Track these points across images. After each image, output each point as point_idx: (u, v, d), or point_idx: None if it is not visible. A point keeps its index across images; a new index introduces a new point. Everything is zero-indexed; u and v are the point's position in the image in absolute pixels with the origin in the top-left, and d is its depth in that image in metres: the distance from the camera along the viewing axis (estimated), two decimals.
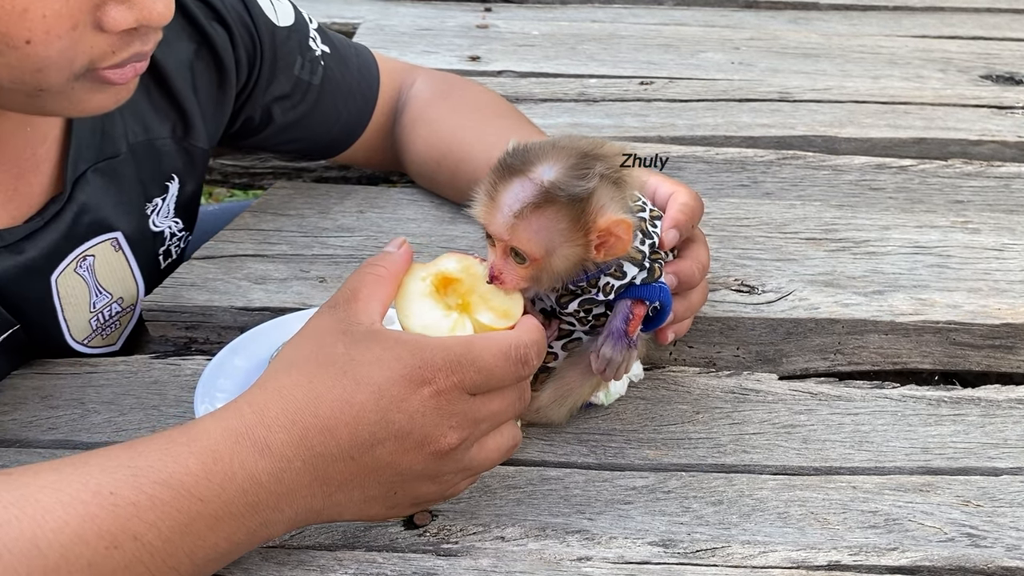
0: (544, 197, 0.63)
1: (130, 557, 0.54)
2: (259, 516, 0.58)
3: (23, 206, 0.80)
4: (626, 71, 1.36)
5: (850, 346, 0.86)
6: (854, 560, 0.65)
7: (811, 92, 1.29)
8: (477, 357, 0.60)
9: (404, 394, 0.58)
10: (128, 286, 0.89)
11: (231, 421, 0.58)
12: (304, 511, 0.60)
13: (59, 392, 0.80)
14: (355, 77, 1.03)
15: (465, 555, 0.65)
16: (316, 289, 0.90)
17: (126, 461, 0.56)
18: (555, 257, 0.65)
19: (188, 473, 0.56)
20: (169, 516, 0.55)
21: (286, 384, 0.59)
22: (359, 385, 0.58)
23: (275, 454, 0.57)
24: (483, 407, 0.61)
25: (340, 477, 0.59)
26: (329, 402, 0.58)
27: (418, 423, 0.59)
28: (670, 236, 0.71)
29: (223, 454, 0.57)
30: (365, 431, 0.58)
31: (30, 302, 0.81)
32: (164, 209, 0.92)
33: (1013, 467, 0.73)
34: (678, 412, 0.78)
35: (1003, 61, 1.40)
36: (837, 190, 1.06)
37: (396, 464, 0.60)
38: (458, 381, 0.59)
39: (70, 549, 0.52)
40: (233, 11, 0.92)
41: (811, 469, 0.73)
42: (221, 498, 0.56)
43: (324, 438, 0.58)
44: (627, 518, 0.68)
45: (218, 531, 0.57)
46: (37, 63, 0.64)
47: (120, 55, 0.67)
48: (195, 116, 0.92)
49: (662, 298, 0.70)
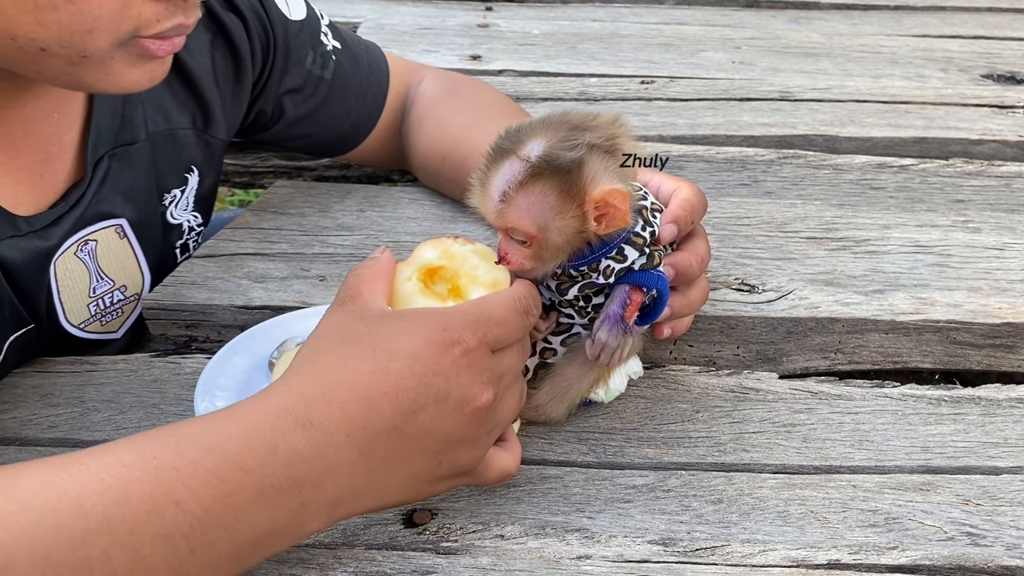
0: (529, 173, 0.64)
1: (170, 524, 0.52)
2: (300, 493, 0.56)
3: (48, 191, 0.81)
4: (627, 70, 1.36)
5: (850, 345, 0.86)
6: (854, 559, 0.65)
7: (812, 91, 1.29)
8: (493, 313, 0.62)
9: (436, 357, 0.59)
10: (132, 274, 0.89)
11: (270, 400, 0.58)
12: (348, 492, 0.58)
13: (59, 390, 0.80)
14: (365, 74, 1.03)
15: (465, 553, 0.65)
16: (316, 288, 0.90)
17: (167, 432, 0.56)
18: (551, 232, 0.65)
19: (231, 442, 0.55)
20: (211, 484, 0.53)
21: (320, 365, 0.59)
22: (391, 355, 0.59)
23: (317, 427, 0.57)
24: (503, 361, 0.63)
25: (385, 451, 0.58)
26: (365, 374, 0.58)
27: (454, 384, 0.59)
28: (667, 231, 0.71)
29: (264, 426, 0.56)
30: (405, 399, 0.58)
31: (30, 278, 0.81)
32: (183, 202, 0.93)
33: (1013, 466, 0.73)
34: (678, 411, 0.78)
35: (1004, 60, 1.40)
36: (838, 189, 1.06)
37: (439, 430, 0.59)
38: (482, 337, 0.60)
39: (112, 511, 0.51)
40: (247, 2, 0.93)
41: (811, 468, 0.73)
42: (264, 469, 0.55)
43: (366, 409, 0.58)
44: (627, 517, 0.68)
45: (258, 506, 0.55)
46: (88, 22, 0.65)
47: (164, 24, 0.69)
48: (215, 107, 0.92)
49: (659, 287, 0.70)
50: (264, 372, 0.79)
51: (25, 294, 0.81)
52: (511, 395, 0.64)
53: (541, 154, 0.64)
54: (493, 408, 0.62)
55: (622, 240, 0.68)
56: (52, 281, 0.82)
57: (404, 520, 0.68)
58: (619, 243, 0.68)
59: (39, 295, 0.82)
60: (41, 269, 0.81)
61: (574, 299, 0.70)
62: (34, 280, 0.81)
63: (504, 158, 0.65)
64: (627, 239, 0.68)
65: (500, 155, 0.65)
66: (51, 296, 0.83)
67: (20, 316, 0.81)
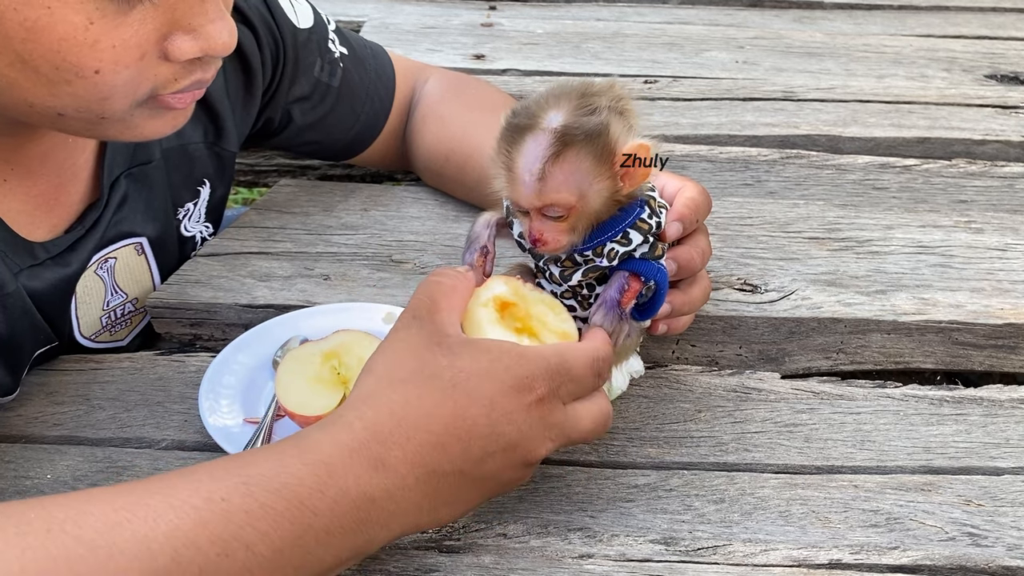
0: (562, 142, 0.64)
1: (240, 567, 0.52)
2: (367, 533, 0.57)
3: (64, 215, 0.81)
4: (630, 70, 1.36)
5: (852, 345, 0.86)
6: (855, 559, 0.66)
7: (815, 91, 1.29)
8: (571, 367, 0.62)
9: (513, 406, 0.59)
10: (145, 287, 0.90)
11: (342, 435, 0.57)
12: (409, 527, 0.59)
13: (64, 388, 0.81)
14: (372, 79, 1.04)
15: (467, 552, 0.66)
16: (320, 287, 0.90)
17: (236, 470, 0.55)
18: (589, 197, 0.66)
19: (302, 484, 0.55)
20: (281, 527, 0.53)
21: (397, 401, 0.59)
22: (471, 399, 0.59)
23: (390, 470, 0.57)
24: (579, 423, 0.62)
25: (448, 493, 0.59)
26: (442, 418, 0.58)
27: (525, 435, 0.60)
28: (673, 229, 0.71)
29: (337, 468, 0.56)
30: (477, 446, 0.58)
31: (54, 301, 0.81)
32: (196, 214, 0.93)
33: (1014, 467, 0.73)
34: (680, 410, 0.78)
35: (1008, 61, 1.40)
36: (841, 189, 1.06)
37: (500, 476, 0.60)
38: (556, 388, 0.60)
39: (182, 553, 0.51)
40: (256, 12, 0.92)
41: (813, 468, 0.73)
42: (334, 512, 0.55)
43: (438, 454, 0.58)
44: (629, 516, 0.68)
45: (327, 546, 0.55)
46: (104, 92, 0.65)
47: (182, 82, 0.68)
48: (227, 120, 0.92)
49: (658, 279, 0.70)
50: (268, 371, 0.79)
51: (50, 316, 0.81)
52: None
53: (565, 123, 0.64)
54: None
55: (628, 224, 0.68)
56: (72, 298, 0.83)
57: None
58: (625, 226, 0.68)
59: (64, 315, 0.83)
60: (66, 293, 0.82)
61: (577, 285, 0.70)
62: (59, 303, 0.82)
63: (526, 134, 0.65)
64: (633, 223, 0.68)
65: (520, 132, 0.65)
66: (69, 312, 0.83)
67: (47, 335, 0.82)
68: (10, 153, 0.76)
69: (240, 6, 0.91)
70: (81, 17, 0.61)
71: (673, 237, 0.72)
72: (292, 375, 0.73)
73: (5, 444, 0.75)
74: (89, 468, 0.73)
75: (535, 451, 0.60)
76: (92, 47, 0.62)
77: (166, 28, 0.65)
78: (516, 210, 0.68)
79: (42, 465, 0.73)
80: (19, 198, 0.78)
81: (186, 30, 0.65)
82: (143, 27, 0.64)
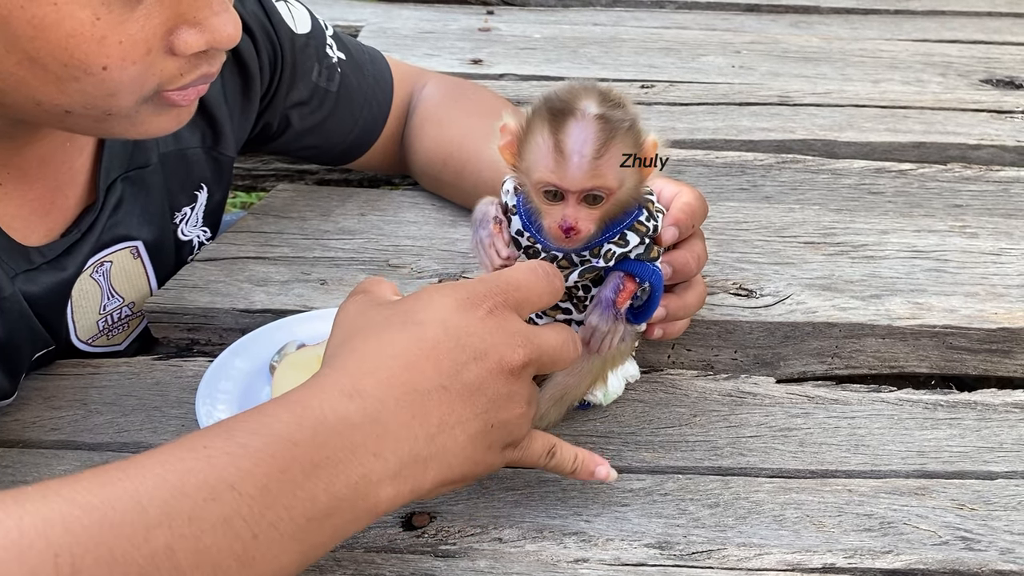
0: (611, 128, 0.65)
1: (228, 509, 0.52)
2: (359, 463, 0.55)
3: (59, 219, 0.81)
4: (627, 74, 1.37)
5: (847, 350, 0.87)
6: (849, 563, 0.66)
7: (811, 96, 1.30)
8: (512, 278, 0.63)
9: (466, 319, 0.60)
10: (142, 292, 0.90)
11: (314, 381, 0.58)
12: (409, 459, 0.57)
13: (62, 393, 0.81)
14: (370, 84, 1.04)
15: (463, 556, 0.66)
16: (317, 291, 0.90)
17: (218, 425, 0.56)
18: (625, 186, 0.67)
19: (279, 421, 0.55)
20: (263, 461, 0.53)
21: (358, 348, 0.60)
22: (424, 324, 0.60)
23: (366, 395, 0.57)
24: (540, 333, 0.63)
25: (438, 412, 0.58)
26: (403, 344, 0.59)
27: (489, 341, 0.60)
28: (669, 234, 0.72)
29: (311, 401, 0.56)
30: (446, 359, 0.59)
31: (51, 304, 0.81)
32: (193, 219, 0.93)
33: (1008, 471, 0.73)
34: (675, 415, 0.78)
35: (1003, 65, 1.41)
36: (836, 194, 1.07)
37: (485, 387, 0.60)
38: (503, 300, 0.61)
39: (170, 504, 0.51)
40: (255, 18, 0.93)
41: (807, 472, 0.73)
42: (315, 441, 0.55)
43: (411, 374, 0.58)
44: (624, 520, 0.69)
45: (316, 480, 0.54)
46: (111, 88, 0.65)
47: (188, 77, 0.69)
48: (225, 125, 0.93)
49: (653, 280, 0.70)
50: (265, 375, 0.79)
51: (47, 320, 0.81)
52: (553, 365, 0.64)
53: (604, 112, 0.65)
54: (528, 369, 0.62)
55: (626, 226, 0.69)
56: (68, 302, 0.83)
57: (403, 523, 0.68)
58: (623, 228, 0.69)
59: (61, 319, 0.83)
60: (62, 296, 0.82)
61: (573, 286, 0.71)
62: (56, 307, 0.82)
63: (569, 118, 0.65)
64: (631, 225, 0.69)
65: (562, 116, 0.65)
66: (65, 316, 0.84)
67: (44, 339, 0.82)
68: (7, 157, 0.76)
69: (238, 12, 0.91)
70: (87, 13, 0.62)
71: (669, 242, 0.72)
72: (289, 379, 0.73)
73: (2, 449, 0.75)
74: None
75: (509, 357, 0.60)
76: (99, 43, 0.63)
77: (171, 22, 0.66)
78: (546, 196, 0.66)
79: (39, 470, 0.73)
80: (15, 203, 0.78)
81: (191, 23, 0.66)
82: (149, 22, 0.64)
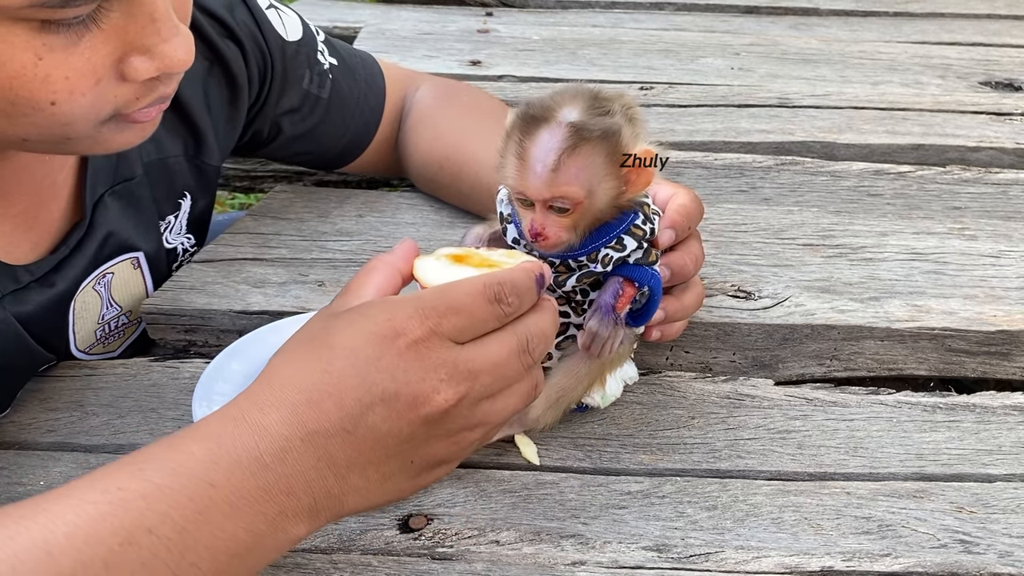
0: (578, 137, 0.65)
1: (147, 553, 0.51)
2: (274, 502, 0.54)
3: (44, 235, 0.81)
4: (626, 76, 1.37)
5: (846, 352, 0.87)
6: (847, 566, 0.66)
7: (810, 98, 1.29)
8: (452, 300, 0.57)
9: (379, 351, 0.55)
10: (139, 300, 0.90)
11: (228, 409, 0.56)
12: (322, 497, 0.56)
13: (58, 395, 0.81)
14: (362, 89, 1.04)
15: (460, 559, 0.66)
16: (315, 293, 0.90)
17: (131, 461, 0.54)
18: (597, 195, 0.66)
19: (194, 459, 0.53)
20: (181, 504, 0.52)
21: (273, 367, 0.58)
22: (334, 351, 0.56)
23: (272, 434, 0.55)
24: (477, 355, 0.57)
25: (345, 455, 0.56)
26: (308, 375, 0.56)
27: (402, 380, 0.55)
28: (665, 236, 0.72)
29: (225, 439, 0.54)
30: (350, 399, 0.55)
31: (47, 321, 0.81)
32: (177, 226, 0.93)
33: (1007, 473, 0.73)
34: (674, 417, 0.78)
35: (1002, 68, 1.41)
36: (835, 196, 1.07)
37: (395, 431, 0.56)
38: (433, 327, 0.56)
39: (84, 552, 0.50)
40: (244, 27, 0.92)
41: (805, 475, 0.73)
42: (231, 482, 0.53)
43: (314, 413, 0.55)
44: (621, 523, 0.69)
45: (235, 519, 0.53)
46: (64, 119, 0.64)
47: (144, 100, 0.67)
48: (207, 134, 0.92)
49: (652, 284, 0.70)
50: None
51: (44, 338, 0.81)
52: (506, 393, 0.59)
53: (580, 120, 0.65)
54: (460, 408, 0.57)
55: (623, 230, 0.69)
56: (70, 315, 0.83)
57: (400, 525, 0.68)
58: (620, 232, 0.69)
59: (59, 334, 0.83)
60: (57, 313, 0.82)
61: (571, 291, 0.70)
62: (53, 323, 0.82)
63: (541, 126, 0.65)
64: (627, 229, 0.69)
65: (534, 123, 0.65)
66: (66, 329, 0.83)
67: (44, 357, 0.82)
68: None
69: (227, 21, 0.91)
70: (29, 54, 0.60)
71: (666, 244, 0.72)
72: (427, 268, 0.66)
73: None
74: (83, 475, 0.73)
75: (426, 397, 0.55)
76: (44, 81, 0.61)
77: (119, 52, 0.63)
78: (519, 203, 0.68)
79: (36, 472, 0.73)
80: None
81: (140, 51, 0.64)
82: (95, 54, 0.62)
